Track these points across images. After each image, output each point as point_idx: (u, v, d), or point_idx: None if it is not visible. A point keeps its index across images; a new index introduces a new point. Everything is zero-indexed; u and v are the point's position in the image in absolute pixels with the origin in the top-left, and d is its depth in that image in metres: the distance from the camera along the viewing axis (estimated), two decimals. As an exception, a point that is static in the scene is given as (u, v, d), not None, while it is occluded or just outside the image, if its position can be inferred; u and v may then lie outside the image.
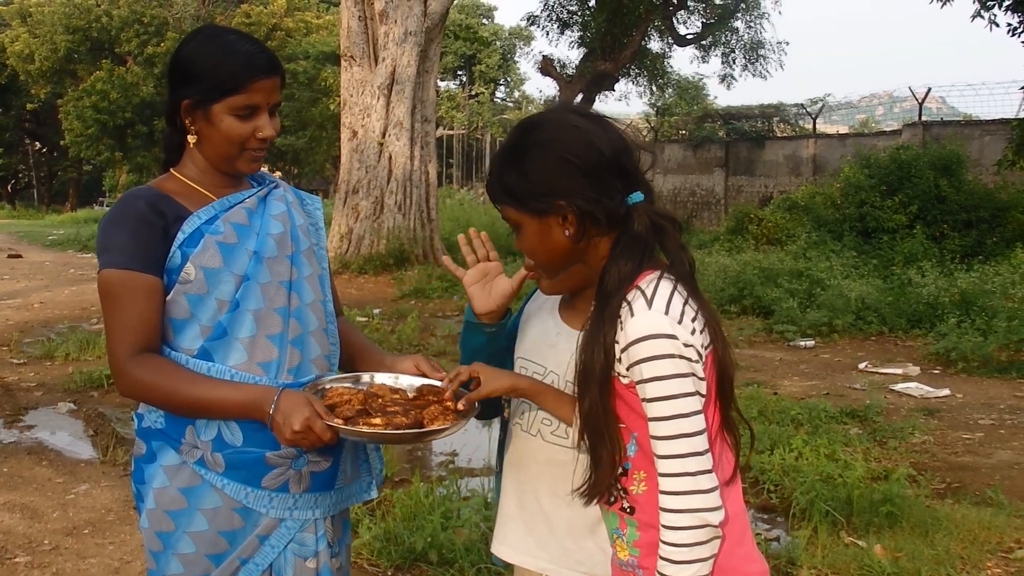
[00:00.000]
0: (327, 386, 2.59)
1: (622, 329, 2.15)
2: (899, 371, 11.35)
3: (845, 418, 8.95)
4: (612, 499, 2.31)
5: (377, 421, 2.41)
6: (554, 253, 2.32)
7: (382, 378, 2.73)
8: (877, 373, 11.31)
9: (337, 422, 2.37)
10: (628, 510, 2.28)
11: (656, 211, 2.29)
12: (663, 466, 2.12)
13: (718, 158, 33.40)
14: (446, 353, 11.37)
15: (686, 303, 2.16)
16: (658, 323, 2.11)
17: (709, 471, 2.11)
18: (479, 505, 5.82)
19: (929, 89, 27.72)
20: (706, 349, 2.18)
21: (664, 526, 2.13)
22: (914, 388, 10.40)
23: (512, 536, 2.73)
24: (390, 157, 21.06)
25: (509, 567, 2.83)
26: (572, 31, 27.39)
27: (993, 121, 25.51)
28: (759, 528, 6.12)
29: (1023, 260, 17.27)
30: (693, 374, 2.13)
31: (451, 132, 52.58)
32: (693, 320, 2.16)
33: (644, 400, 2.15)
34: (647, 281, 2.17)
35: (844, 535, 5.75)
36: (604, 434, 2.24)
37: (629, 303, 2.15)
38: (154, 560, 2.56)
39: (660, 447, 2.13)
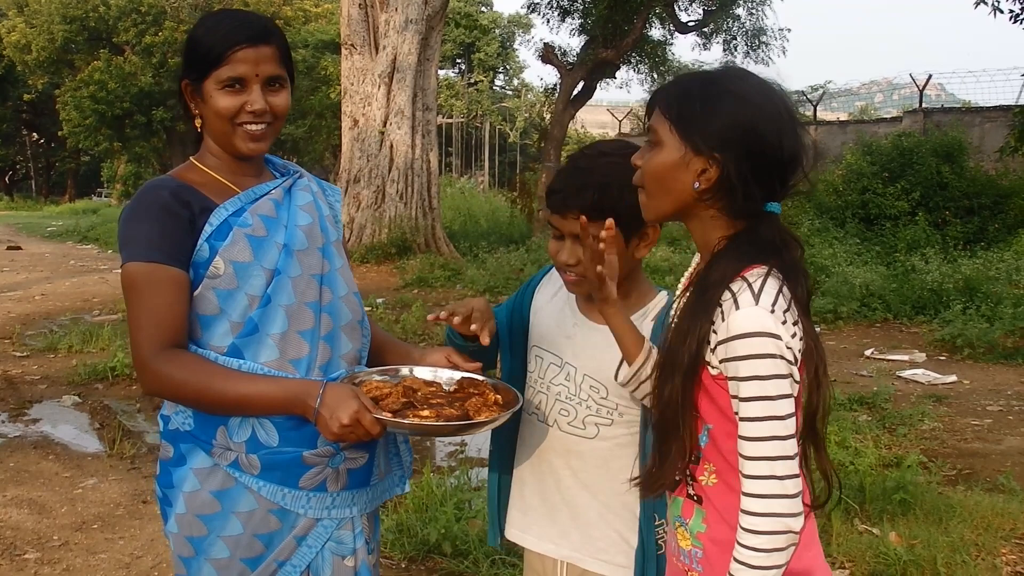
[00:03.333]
0: (361, 379, 2.53)
1: (723, 320, 2.04)
2: (905, 358, 11.35)
3: (854, 405, 8.95)
4: (675, 484, 2.25)
5: (426, 413, 2.37)
6: (668, 189, 2.16)
7: (420, 371, 2.68)
8: (883, 360, 11.32)
9: (385, 415, 2.31)
10: (696, 498, 2.21)
11: (785, 228, 2.19)
12: (750, 467, 2.03)
13: (718, 145, 33.20)
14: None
15: (789, 306, 2.07)
16: (764, 321, 2.01)
17: (797, 476, 2.03)
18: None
19: (930, 76, 27.66)
20: (800, 355, 2.07)
21: (744, 528, 2.03)
22: (921, 375, 10.39)
23: (534, 525, 2.76)
24: (391, 146, 20.99)
25: (520, 556, 2.83)
26: (573, 18, 27.25)
27: (994, 108, 25.46)
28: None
29: (1025, 246, 17.24)
30: (791, 376, 2.03)
31: (450, 120, 52.55)
32: (795, 324, 2.07)
33: (737, 398, 2.05)
34: (755, 274, 2.07)
35: (858, 523, 5.72)
36: (678, 425, 2.15)
37: (734, 294, 2.05)
38: (184, 566, 2.49)
39: (749, 448, 2.03)
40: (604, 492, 2.64)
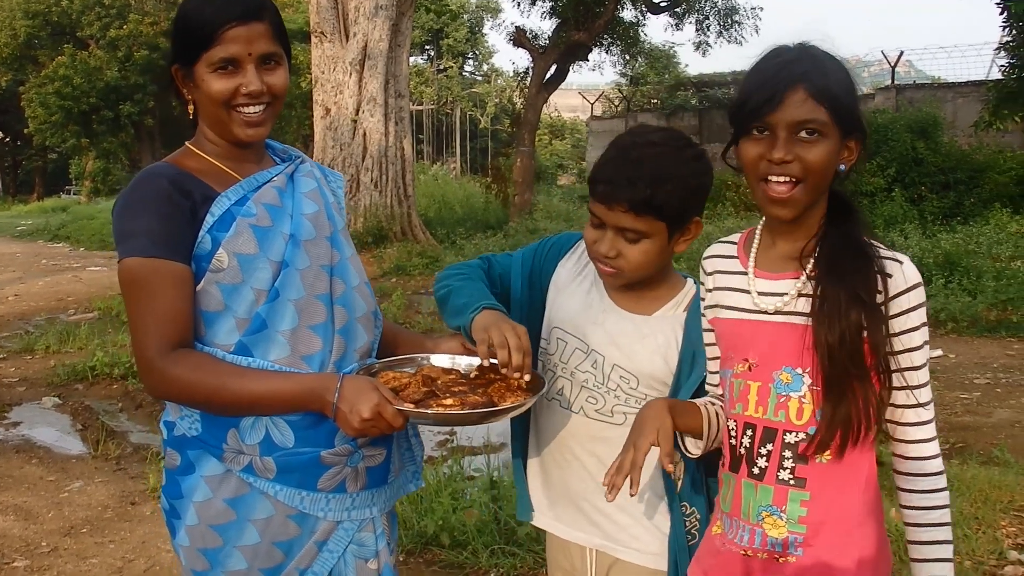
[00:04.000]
0: (376, 371, 2.43)
1: (891, 277, 2.09)
2: (890, 333, 11.32)
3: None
4: (757, 472, 2.20)
5: (449, 401, 2.27)
6: (828, 180, 2.15)
7: (437, 359, 2.59)
8: (869, 337, 11.26)
9: (408, 406, 2.21)
10: (796, 482, 2.16)
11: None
12: (924, 414, 2.15)
13: (692, 126, 33.27)
14: (433, 330, 11.25)
15: None
16: (917, 272, 2.13)
17: None
18: (486, 485, 5.72)
19: (901, 52, 27.73)
20: None
21: (930, 473, 2.17)
22: (907, 350, 10.37)
23: (563, 514, 2.69)
24: (364, 134, 20.86)
25: (524, 547, 2.78)
26: (544, 1, 27.13)
27: (966, 83, 25.66)
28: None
29: (1006, 220, 17.32)
30: None
31: (420, 108, 52.36)
32: None
33: (908, 350, 2.11)
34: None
35: (857, 499, 5.68)
36: (861, 380, 2.11)
37: (880, 254, 2.13)
38: None
39: (922, 395, 2.14)
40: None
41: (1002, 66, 18.30)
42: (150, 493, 6.30)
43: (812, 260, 2.17)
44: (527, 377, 2.36)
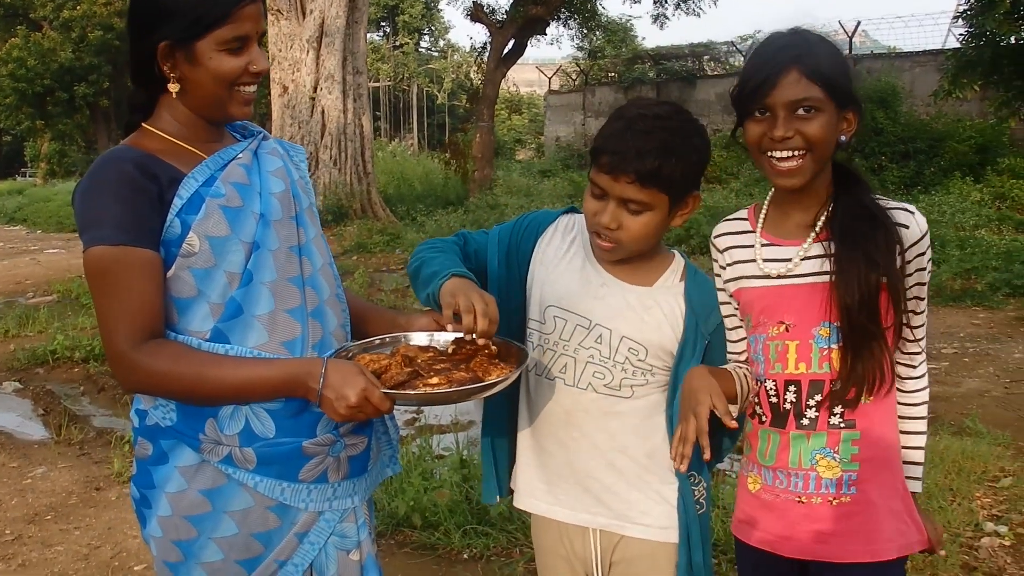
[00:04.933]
0: (353, 354, 2.36)
1: (907, 228, 2.27)
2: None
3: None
4: (807, 423, 2.36)
5: (435, 380, 2.20)
6: (830, 150, 2.32)
7: (415, 338, 2.52)
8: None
9: (395, 389, 2.15)
10: (847, 424, 2.35)
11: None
12: (919, 347, 2.39)
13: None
14: (395, 307, 11.15)
15: None
16: (924, 218, 2.32)
17: None
18: (456, 464, 5.66)
19: (859, 23, 27.80)
20: None
21: (920, 404, 2.42)
22: (873, 320, 10.41)
23: (564, 496, 2.65)
24: (323, 111, 20.78)
25: (496, 527, 2.75)
26: (501, -25, 26.97)
27: (923, 52, 25.74)
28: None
29: (968, 189, 17.44)
30: None
31: (377, 84, 52.08)
32: None
33: (918, 284, 2.32)
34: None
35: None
36: (877, 339, 2.30)
37: (891, 206, 2.31)
38: (171, 572, 2.29)
39: (919, 332, 2.38)
40: (642, 451, 2.57)
41: (960, 35, 18.33)
42: (115, 478, 6.20)
43: (826, 223, 2.34)
44: (493, 348, 2.35)
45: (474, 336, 2.29)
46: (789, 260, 2.37)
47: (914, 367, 2.41)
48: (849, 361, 2.28)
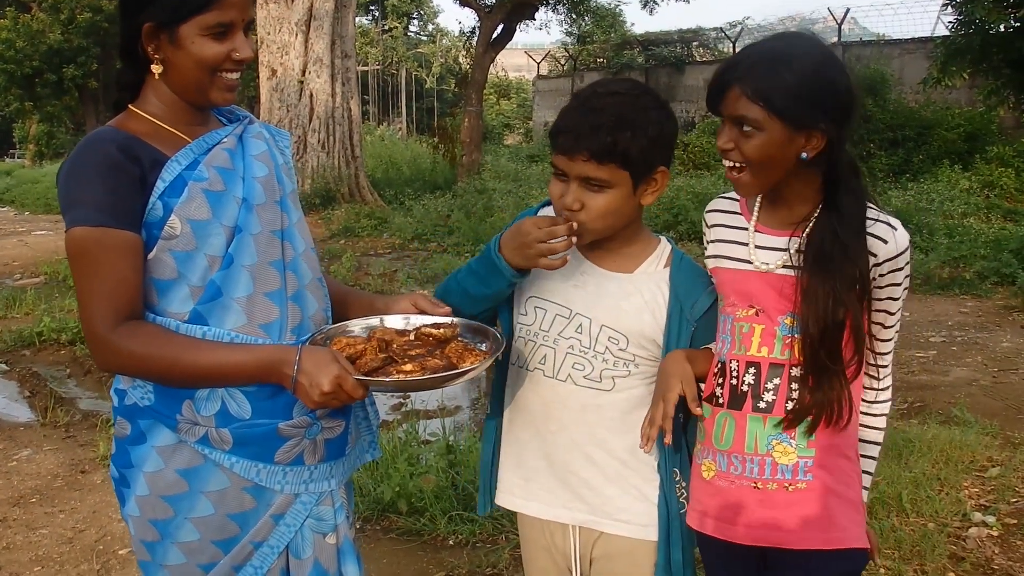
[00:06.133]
0: (329, 337, 2.36)
1: (886, 242, 2.25)
2: (843, 291, 11.37)
3: (796, 341, 8.89)
4: (764, 406, 2.36)
5: (409, 367, 2.21)
6: (776, 165, 2.27)
7: (391, 321, 2.51)
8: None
9: (368, 376, 2.15)
10: (804, 410, 2.34)
11: (848, 155, 2.33)
12: (887, 359, 2.43)
13: (638, 85, 33.16)
14: (383, 292, 11.13)
15: None
16: (907, 236, 2.31)
17: None
18: (442, 450, 5.65)
19: (848, 10, 27.76)
20: None
21: (879, 413, 2.47)
22: (860, 308, 10.43)
23: (540, 491, 2.62)
24: (311, 95, 20.67)
25: (486, 513, 2.75)
26: (490, -41, 26.86)
27: (911, 40, 25.66)
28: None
29: (957, 177, 17.46)
30: None
31: (365, 68, 51.88)
32: None
33: (889, 299, 2.32)
34: (872, 206, 2.33)
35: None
36: (837, 375, 2.31)
37: (876, 220, 2.28)
38: (148, 551, 2.30)
39: (886, 347, 2.40)
40: (621, 447, 2.53)
41: (949, 22, 18.30)
42: (100, 461, 6.19)
43: (806, 234, 2.33)
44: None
45: (452, 320, 2.42)
46: (765, 248, 2.38)
47: (878, 379, 2.44)
48: (807, 391, 2.30)
